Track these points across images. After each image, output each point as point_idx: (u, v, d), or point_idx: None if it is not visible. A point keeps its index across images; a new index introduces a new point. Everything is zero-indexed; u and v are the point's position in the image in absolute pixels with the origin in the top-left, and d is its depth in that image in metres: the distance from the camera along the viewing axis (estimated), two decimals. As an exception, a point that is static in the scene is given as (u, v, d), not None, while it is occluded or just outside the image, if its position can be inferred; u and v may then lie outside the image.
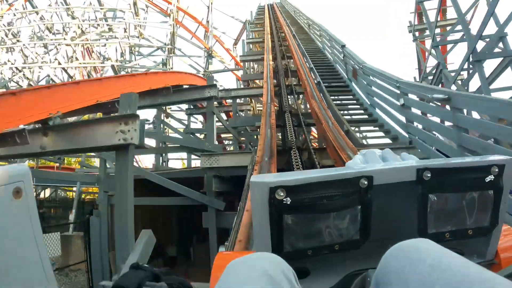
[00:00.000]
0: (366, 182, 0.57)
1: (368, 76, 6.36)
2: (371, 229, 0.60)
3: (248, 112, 11.54)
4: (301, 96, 8.48)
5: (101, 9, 15.18)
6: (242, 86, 12.03)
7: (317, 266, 0.65)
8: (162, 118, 9.68)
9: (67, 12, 14.84)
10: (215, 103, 7.25)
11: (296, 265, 0.54)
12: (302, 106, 8.67)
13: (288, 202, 0.54)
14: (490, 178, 0.59)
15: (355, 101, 7.24)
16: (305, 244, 0.58)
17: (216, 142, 7.25)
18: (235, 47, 20.32)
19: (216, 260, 0.62)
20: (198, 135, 11.00)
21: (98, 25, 14.76)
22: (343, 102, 7.45)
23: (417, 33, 9.85)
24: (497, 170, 0.59)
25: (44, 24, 14.10)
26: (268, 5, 20.85)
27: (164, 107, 9.37)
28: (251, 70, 14.08)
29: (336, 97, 7.29)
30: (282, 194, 0.54)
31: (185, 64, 17.24)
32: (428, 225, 0.60)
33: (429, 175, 0.58)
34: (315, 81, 7.19)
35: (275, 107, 5.90)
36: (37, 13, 14.05)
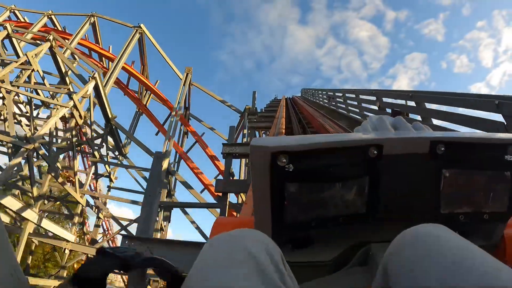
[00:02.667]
0: (375, 152, 0.52)
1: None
2: (379, 202, 0.56)
3: None
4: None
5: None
6: None
7: (320, 235, 0.61)
8: None
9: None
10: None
11: (298, 234, 0.59)
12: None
13: (291, 170, 0.49)
14: (508, 158, 0.54)
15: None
16: (308, 215, 0.55)
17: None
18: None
19: (214, 226, 0.65)
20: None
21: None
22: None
23: None
24: None
25: None
26: (287, 98, 14.27)
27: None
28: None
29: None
30: (284, 160, 0.49)
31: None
32: (441, 205, 0.55)
33: (443, 148, 0.53)
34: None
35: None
36: None
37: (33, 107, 8.98)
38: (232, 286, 0.31)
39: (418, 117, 4.16)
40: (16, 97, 8.44)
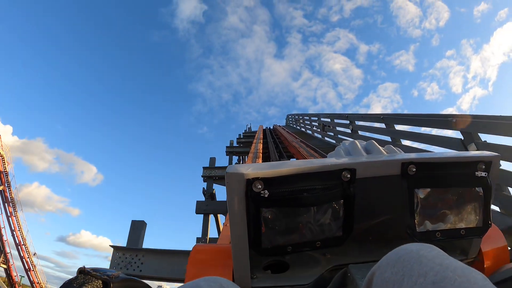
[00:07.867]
0: (348, 175, 0.53)
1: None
2: (354, 224, 0.56)
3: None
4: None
5: None
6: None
7: (297, 259, 0.63)
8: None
9: None
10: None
11: (275, 259, 0.63)
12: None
13: (266, 195, 0.50)
14: (478, 174, 0.56)
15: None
16: (284, 240, 0.55)
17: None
18: None
19: (192, 253, 0.65)
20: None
21: None
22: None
23: None
24: (484, 167, 0.56)
25: None
26: (266, 129, 14.18)
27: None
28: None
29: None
30: (259, 186, 0.50)
31: None
32: (417, 223, 0.56)
33: (414, 169, 0.55)
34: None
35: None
36: None
37: None
38: None
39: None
40: None
